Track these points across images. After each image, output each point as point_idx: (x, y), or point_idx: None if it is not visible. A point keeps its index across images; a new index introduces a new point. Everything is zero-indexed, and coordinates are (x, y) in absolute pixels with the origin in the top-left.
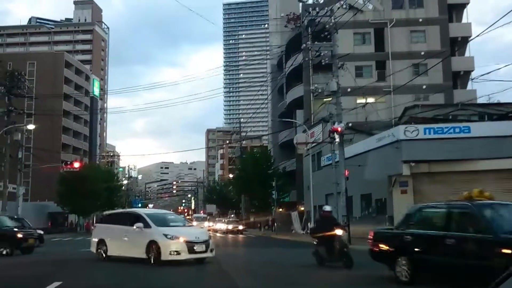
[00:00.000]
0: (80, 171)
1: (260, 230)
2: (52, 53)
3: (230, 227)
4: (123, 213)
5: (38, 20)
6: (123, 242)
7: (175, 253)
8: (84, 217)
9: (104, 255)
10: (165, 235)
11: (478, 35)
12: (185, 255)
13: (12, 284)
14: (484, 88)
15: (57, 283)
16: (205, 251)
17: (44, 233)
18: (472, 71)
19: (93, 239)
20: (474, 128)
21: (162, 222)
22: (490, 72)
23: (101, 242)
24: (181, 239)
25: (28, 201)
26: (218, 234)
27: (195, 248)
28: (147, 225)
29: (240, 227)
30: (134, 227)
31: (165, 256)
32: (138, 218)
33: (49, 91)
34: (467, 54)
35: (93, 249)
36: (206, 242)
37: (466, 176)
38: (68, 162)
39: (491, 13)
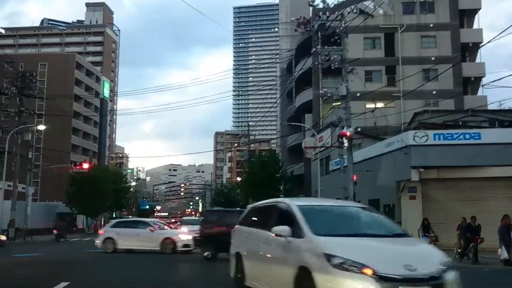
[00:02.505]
0: (89, 172)
1: None
2: (63, 54)
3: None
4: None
5: (50, 22)
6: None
7: None
8: (92, 218)
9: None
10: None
11: (489, 41)
12: None
13: (21, 283)
14: (495, 94)
15: (64, 283)
16: None
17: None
18: (483, 77)
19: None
20: (484, 134)
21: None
22: (501, 78)
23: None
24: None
25: (37, 201)
26: None
27: None
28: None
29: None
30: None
31: None
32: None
33: (59, 92)
34: (478, 60)
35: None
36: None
37: (476, 183)
38: (77, 163)
39: (503, 19)
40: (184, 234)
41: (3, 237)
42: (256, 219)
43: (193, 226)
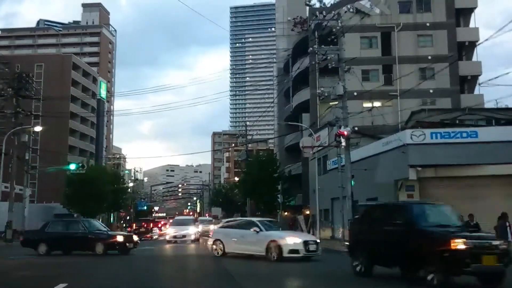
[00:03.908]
0: (87, 173)
1: None
2: (60, 55)
3: None
4: None
5: (46, 23)
6: None
7: None
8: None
9: None
10: None
11: (486, 40)
12: None
13: (19, 285)
14: (492, 92)
15: (62, 285)
16: None
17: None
18: (480, 75)
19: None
20: (481, 133)
21: None
22: (498, 77)
23: None
24: None
25: (35, 203)
26: None
27: None
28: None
29: None
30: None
31: None
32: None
33: (56, 93)
34: (474, 58)
35: None
36: None
37: (473, 181)
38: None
39: (500, 17)
40: (292, 237)
41: (136, 238)
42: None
43: (184, 227)
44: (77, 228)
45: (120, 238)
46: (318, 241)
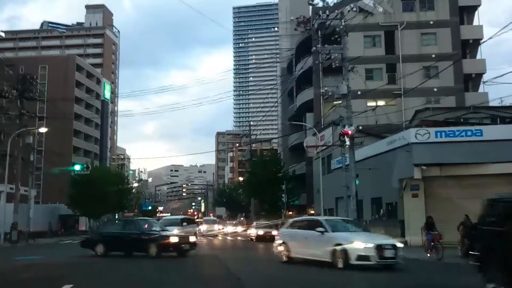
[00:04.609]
0: (91, 174)
1: None
2: (63, 57)
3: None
4: None
5: (50, 25)
6: None
7: None
8: (94, 219)
9: None
10: None
11: (490, 38)
12: None
13: (25, 286)
14: (497, 90)
15: (68, 286)
16: None
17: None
18: (484, 73)
19: None
20: (486, 131)
21: None
22: (503, 75)
23: None
24: None
25: (40, 203)
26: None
27: None
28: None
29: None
30: None
31: None
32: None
33: (60, 95)
34: (478, 56)
35: None
36: None
37: (478, 180)
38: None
39: (504, 15)
40: (361, 240)
41: (193, 238)
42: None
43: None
44: (133, 228)
45: (173, 239)
46: (399, 244)
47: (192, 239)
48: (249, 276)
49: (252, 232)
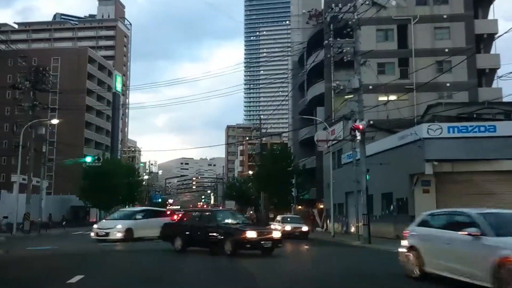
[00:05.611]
0: (102, 166)
1: None
2: (75, 49)
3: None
4: None
5: (62, 17)
6: None
7: None
8: (105, 211)
9: None
10: None
11: (505, 32)
12: None
13: (36, 276)
14: (511, 86)
15: (79, 276)
16: None
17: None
18: (498, 68)
19: None
20: (500, 127)
21: None
22: None
23: None
24: None
25: (52, 195)
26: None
27: None
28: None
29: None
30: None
31: None
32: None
33: (72, 86)
34: (493, 51)
35: None
36: None
37: (491, 176)
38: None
39: None
40: None
41: (277, 234)
42: None
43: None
44: (212, 221)
45: (251, 234)
46: None
47: (276, 234)
48: None
49: (277, 227)
